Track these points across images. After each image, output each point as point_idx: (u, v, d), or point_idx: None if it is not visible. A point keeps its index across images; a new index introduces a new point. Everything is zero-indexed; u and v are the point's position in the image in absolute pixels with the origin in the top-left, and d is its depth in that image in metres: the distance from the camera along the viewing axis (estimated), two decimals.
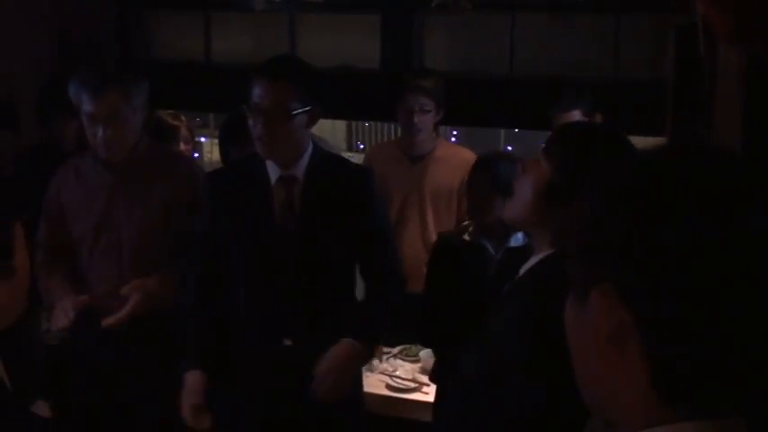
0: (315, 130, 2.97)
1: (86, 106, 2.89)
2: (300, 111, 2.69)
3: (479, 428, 2.05)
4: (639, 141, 2.50)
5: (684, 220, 0.82)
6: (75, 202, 3.08)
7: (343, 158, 3.27)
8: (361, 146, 8.10)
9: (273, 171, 2.80)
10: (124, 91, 2.90)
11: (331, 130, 7.61)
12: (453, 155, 4.06)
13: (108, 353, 3.04)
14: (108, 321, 2.88)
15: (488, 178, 3.03)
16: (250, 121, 2.71)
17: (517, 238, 3.03)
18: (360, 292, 3.13)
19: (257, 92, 2.68)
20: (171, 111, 4.35)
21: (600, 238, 0.87)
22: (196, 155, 4.60)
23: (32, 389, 3.14)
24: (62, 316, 2.88)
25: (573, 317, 0.93)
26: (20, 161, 3.87)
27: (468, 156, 3.89)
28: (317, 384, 2.65)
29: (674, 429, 0.84)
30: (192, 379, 2.73)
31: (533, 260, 2.09)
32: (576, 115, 3.84)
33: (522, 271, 2.12)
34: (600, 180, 0.92)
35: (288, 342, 2.79)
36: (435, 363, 3.38)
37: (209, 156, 6.52)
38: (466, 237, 3.15)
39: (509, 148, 4.55)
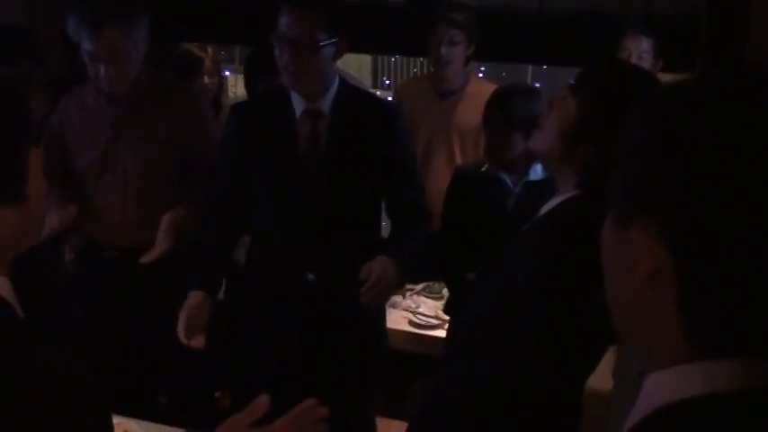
0: (340, 65, 2.93)
1: (86, 44, 2.85)
2: (328, 42, 2.65)
3: (488, 360, 2.05)
4: (669, 79, 2.44)
5: (730, 148, 0.80)
6: (78, 133, 3.06)
7: (370, 93, 3.24)
8: (387, 82, 8.00)
9: (299, 104, 2.77)
10: (124, 27, 2.85)
11: (357, 66, 7.52)
12: (484, 91, 3.96)
13: (114, 284, 3.05)
14: (146, 258, 2.87)
15: (504, 115, 2.97)
16: (276, 52, 2.67)
17: (536, 172, 2.99)
18: (385, 232, 3.12)
19: (284, 21, 2.63)
20: (197, 43, 4.31)
21: (644, 169, 0.85)
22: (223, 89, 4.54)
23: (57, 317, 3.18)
24: (46, 226, 2.85)
25: (611, 242, 0.91)
26: (45, 90, 3.85)
27: None
28: (364, 290, 2.61)
29: (702, 367, 0.83)
30: (194, 297, 2.72)
31: (555, 201, 2.05)
32: (647, 44, 3.76)
33: (542, 211, 2.09)
34: (644, 110, 0.89)
35: (311, 276, 2.79)
36: (449, 295, 3.38)
37: (233, 90, 6.47)
38: (483, 169, 3.12)
39: (537, 84, 4.46)
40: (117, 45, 2.85)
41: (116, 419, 2.43)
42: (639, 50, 3.81)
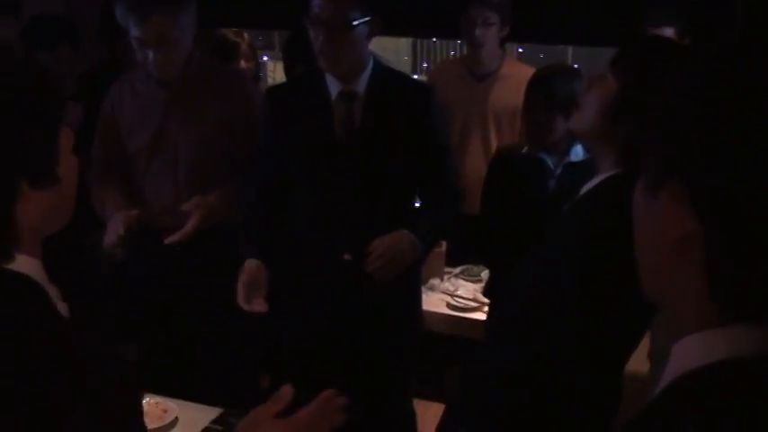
0: (378, 50, 2.92)
1: (134, 31, 2.87)
2: (361, 21, 2.64)
3: (527, 341, 2.05)
4: None
5: (756, 113, 0.80)
6: (130, 117, 3.09)
7: (405, 74, 3.22)
8: (426, 65, 7.97)
9: (334, 86, 2.77)
10: (170, 12, 2.86)
11: (395, 51, 7.49)
12: (519, 73, 3.94)
13: (163, 269, 3.07)
14: (172, 239, 2.89)
15: (546, 97, 2.95)
16: (311, 34, 2.67)
17: (577, 153, 2.97)
18: None
19: (317, 2, 2.65)
20: (234, 29, 4.33)
21: (671, 136, 0.86)
22: (260, 74, 4.56)
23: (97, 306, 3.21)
24: (111, 233, 2.89)
25: (641, 208, 0.92)
26: (84, 79, 3.90)
27: None
28: (370, 260, 2.63)
29: (727, 332, 0.84)
30: (249, 264, 2.72)
31: (596, 180, 2.05)
32: (668, 33, 3.69)
33: (583, 190, 2.08)
34: (671, 77, 0.89)
35: (348, 257, 2.79)
36: (489, 278, 3.37)
37: (272, 75, 6.48)
38: (524, 151, 3.09)
39: (576, 66, 4.41)
40: (164, 31, 2.86)
41: (154, 399, 2.47)
42: None
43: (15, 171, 1.13)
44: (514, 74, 3.96)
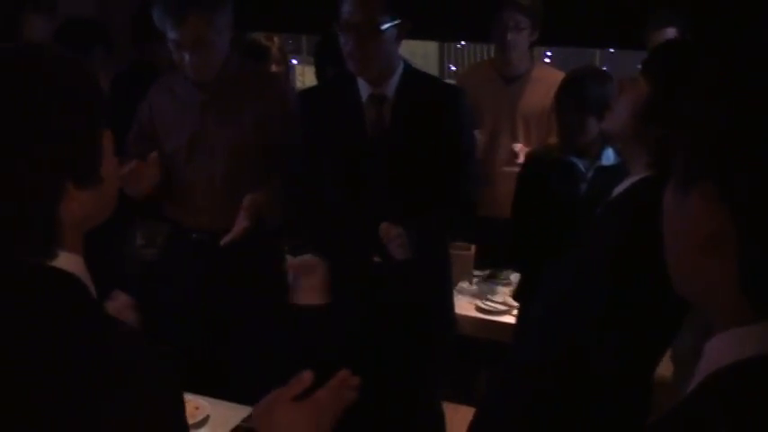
0: (405, 53, 2.94)
1: (171, 33, 2.90)
2: (390, 24, 2.66)
3: (559, 342, 2.05)
4: None
5: None
6: (167, 118, 3.12)
7: (434, 77, 3.23)
8: (453, 68, 7.98)
9: (364, 89, 2.80)
10: (207, 15, 2.89)
11: (422, 54, 7.51)
12: (549, 76, 3.94)
13: (198, 268, 3.09)
14: (226, 240, 2.88)
15: (577, 100, 2.96)
16: (341, 39, 2.70)
17: (608, 157, 2.97)
18: None
19: (346, 7, 2.68)
20: (264, 32, 4.36)
21: (702, 135, 0.86)
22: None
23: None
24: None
25: (672, 206, 0.93)
26: (115, 82, 3.93)
27: None
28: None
29: (759, 329, 0.84)
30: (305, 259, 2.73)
31: (627, 182, 2.06)
32: (671, 33, 3.70)
33: (615, 192, 2.09)
34: (706, 74, 0.90)
35: (377, 259, 2.80)
36: (520, 281, 3.36)
37: (300, 79, 6.52)
38: (556, 154, 3.09)
39: (604, 69, 4.40)
40: (200, 33, 2.89)
41: (186, 396, 2.48)
42: None
43: (62, 171, 1.15)
44: (544, 77, 3.96)
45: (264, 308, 2.73)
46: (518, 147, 3.82)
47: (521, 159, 3.63)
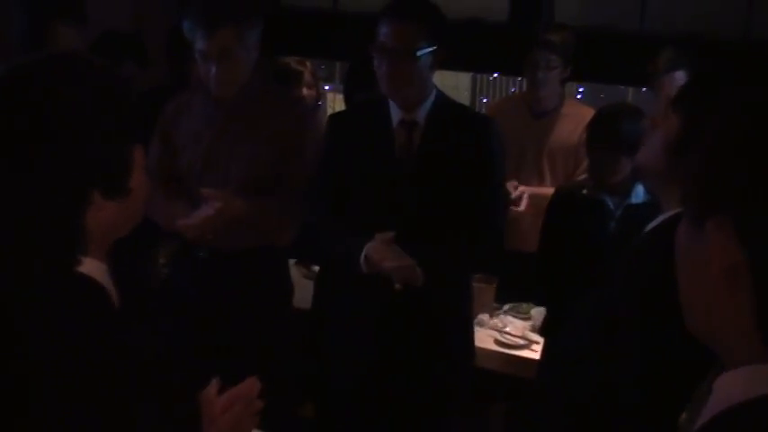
0: (438, 84, 2.95)
1: (200, 44, 2.93)
2: (426, 51, 2.67)
3: (587, 385, 2.03)
4: None
5: None
6: (185, 134, 3.13)
7: (466, 107, 3.26)
8: (485, 100, 7.99)
9: (396, 114, 2.81)
10: (237, 29, 2.92)
11: (455, 85, 7.52)
12: (578, 113, 3.94)
13: (206, 287, 3.09)
14: (181, 222, 2.90)
15: (610, 137, 2.92)
16: (375, 62, 2.72)
17: (638, 195, 2.94)
18: None
19: (383, 31, 2.70)
20: (296, 57, 4.39)
21: (719, 169, 0.86)
22: (320, 103, 4.62)
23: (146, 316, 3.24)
24: (191, 225, 2.90)
25: (686, 240, 0.92)
26: (145, 97, 3.96)
27: None
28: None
29: None
30: (371, 248, 2.72)
31: (660, 218, 2.05)
32: (680, 77, 3.67)
33: (648, 228, 2.07)
34: (725, 112, 0.90)
35: (398, 286, 2.79)
36: (546, 317, 3.34)
37: (331, 105, 6.55)
38: (585, 191, 3.07)
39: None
40: (229, 45, 2.92)
41: None
42: (676, 86, 3.69)
43: (90, 181, 1.16)
44: (573, 113, 3.96)
45: (270, 329, 2.73)
46: (518, 190, 3.79)
47: (522, 206, 3.63)
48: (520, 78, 5.15)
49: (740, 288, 0.84)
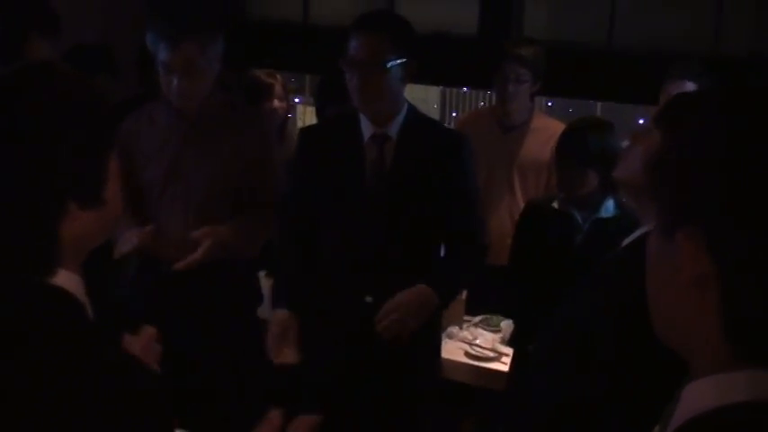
0: (408, 97, 2.96)
1: (162, 56, 2.93)
2: (395, 63, 2.69)
3: (557, 399, 2.04)
4: None
5: None
6: (147, 147, 3.12)
7: (438, 122, 3.27)
8: (454, 114, 8.04)
9: (367, 128, 2.81)
10: (200, 41, 2.93)
11: (424, 98, 7.56)
12: (548, 127, 3.95)
13: (168, 301, 3.08)
14: (178, 265, 2.91)
15: (578, 150, 2.95)
16: (346, 75, 2.73)
17: (608, 209, 2.97)
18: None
19: (353, 44, 2.71)
20: (267, 70, 4.39)
21: (690, 180, 0.87)
22: (289, 116, 4.62)
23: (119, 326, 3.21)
24: (127, 243, 2.90)
25: (656, 249, 0.94)
26: (118, 108, 3.95)
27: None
28: (379, 317, 2.66)
29: (745, 375, 0.84)
30: (278, 315, 2.77)
31: (637, 233, 2.05)
32: (690, 86, 3.71)
33: (625, 243, 2.09)
34: (695, 122, 0.91)
35: (369, 299, 2.80)
36: (514, 329, 3.36)
37: (301, 118, 6.57)
38: (554, 204, 3.10)
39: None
40: (192, 58, 2.92)
41: None
42: None
43: (65, 191, 1.16)
44: (543, 127, 3.98)
45: (237, 345, 2.74)
46: None
47: None
48: (489, 92, 5.18)
49: (708, 298, 0.85)
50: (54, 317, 1.14)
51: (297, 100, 5.76)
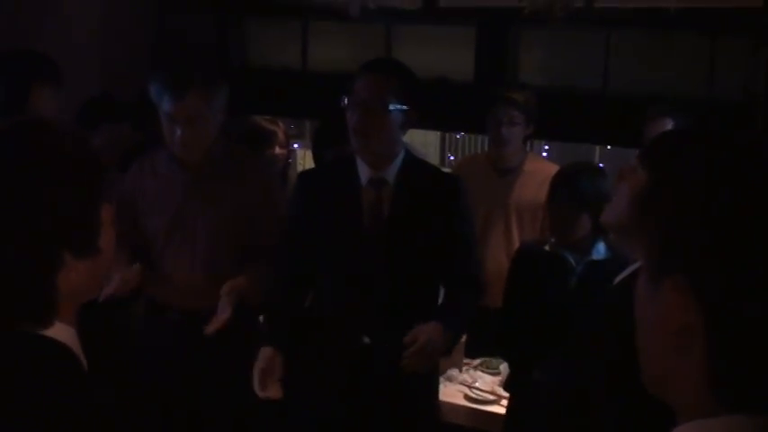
0: (407, 140, 3.00)
1: (166, 106, 2.93)
2: (398, 107, 2.73)
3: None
4: None
5: (756, 216, 0.83)
6: (150, 197, 3.13)
7: (435, 166, 3.30)
8: (452, 157, 8.09)
9: (364, 172, 2.84)
10: (205, 92, 2.94)
11: (423, 143, 7.61)
12: (542, 170, 3.99)
13: (173, 347, 3.11)
14: (211, 328, 2.90)
15: (571, 194, 2.97)
16: (348, 114, 2.76)
17: (599, 251, 2.98)
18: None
19: (359, 84, 2.76)
20: (268, 117, 4.44)
21: (675, 230, 0.88)
22: (290, 161, 4.67)
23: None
24: (110, 287, 2.84)
25: (644, 295, 0.94)
26: (125, 157, 3.99)
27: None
28: (411, 352, 2.61)
29: (724, 421, 0.84)
30: (264, 352, 2.78)
31: (629, 270, 2.07)
32: (669, 124, 3.77)
33: (616, 280, 2.11)
34: (684, 171, 0.92)
35: (366, 340, 2.82)
36: (510, 372, 3.36)
37: (301, 162, 6.62)
38: (547, 247, 3.12)
39: (601, 165, 4.48)
40: (197, 108, 2.93)
41: None
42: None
43: (60, 241, 1.18)
44: (537, 170, 4.02)
45: (241, 390, 2.75)
46: None
47: None
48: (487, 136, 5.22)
49: (695, 346, 0.86)
50: (49, 370, 1.15)
51: (296, 145, 5.80)
